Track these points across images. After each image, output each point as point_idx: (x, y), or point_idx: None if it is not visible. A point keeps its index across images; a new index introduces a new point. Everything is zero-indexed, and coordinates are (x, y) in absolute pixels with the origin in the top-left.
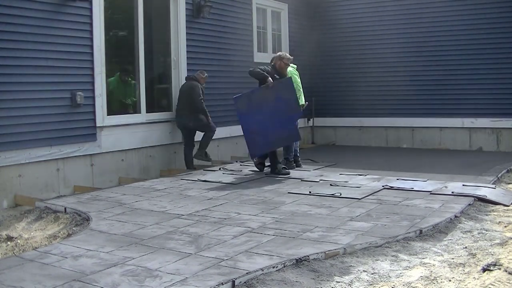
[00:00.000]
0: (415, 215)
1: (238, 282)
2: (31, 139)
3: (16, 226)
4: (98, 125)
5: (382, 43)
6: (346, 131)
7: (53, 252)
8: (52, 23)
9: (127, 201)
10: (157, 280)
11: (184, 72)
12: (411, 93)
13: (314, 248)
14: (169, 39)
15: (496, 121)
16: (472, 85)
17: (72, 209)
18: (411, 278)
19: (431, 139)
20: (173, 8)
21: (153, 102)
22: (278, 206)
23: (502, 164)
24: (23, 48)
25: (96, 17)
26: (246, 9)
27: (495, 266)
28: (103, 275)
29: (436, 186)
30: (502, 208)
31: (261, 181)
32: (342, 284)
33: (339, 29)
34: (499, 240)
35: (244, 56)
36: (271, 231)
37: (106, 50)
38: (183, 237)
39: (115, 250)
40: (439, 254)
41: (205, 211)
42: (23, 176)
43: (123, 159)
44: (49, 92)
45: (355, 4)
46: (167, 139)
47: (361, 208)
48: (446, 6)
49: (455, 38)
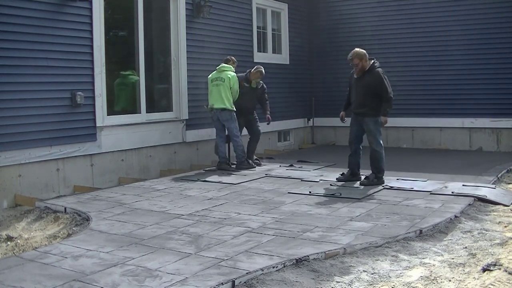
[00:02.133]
0: (415, 215)
1: (238, 282)
2: (31, 139)
3: (16, 226)
4: (98, 125)
5: (382, 43)
6: (346, 131)
7: (53, 252)
8: (52, 23)
9: (127, 201)
10: (157, 280)
11: (184, 72)
12: (411, 93)
13: (314, 248)
14: (169, 39)
15: (496, 121)
16: (472, 85)
17: (72, 209)
18: (411, 278)
19: (431, 139)
20: (173, 8)
21: (153, 102)
22: (278, 206)
23: (502, 164)
24: (23, 48)
25: (96, 17)
26: (246, 9)
27: (495, 266)
28: (103, 275)
29: (436, 186)
30: (502, 208)
31: (261, 181)
32: (342, 284)
33: (339, 29)
34: (499, 240)
35: (244, 56)
36: (271, 231)
37: (106, 50)
38: (183, 237)
39: (115, 250)
40: (439, 254)
41: (205, 211)
42: (23, 176)
43: (123, 159)
44: (49, 92)
45: (355, 4)
46: (167, 139)
47: (361, 208)
48: (446, 6)
49: (455, 38)
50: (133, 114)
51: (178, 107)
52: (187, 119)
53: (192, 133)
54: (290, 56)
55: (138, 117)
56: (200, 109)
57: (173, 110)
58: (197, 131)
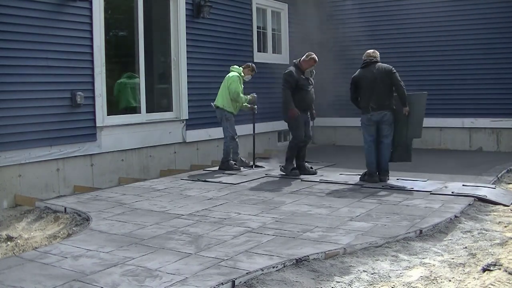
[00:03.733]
0: (415, 215)
1: (238, 282)
2: (31, 139)
3: (16, 226)
4: (98, 125)
5: (382, 43)
6: (346, 131)
7: (53, 252)
8: (52, 23)
9: (127, 201)
10: (157, 280)
11: (184, 72)
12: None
13: (314, 248)
14: (169, 39)
15: (496, 121)
16: (472, 85)
17: (72, 209)
18: (411, 278)
19: (431, 139)
20: (173, 8)
21: (153, 102)
22: (278, 206)
23: (502, 164)
24: (23, 48)
25: (96, 17)
26: (246, 9)
27: (495, 266)
28: (103, 275)
29: (436, 186)
30: (502, 208)
31: (261, 181)
32: (342, 284)
33: (339, 29)
34: (499, 240)
35: (244, 56)
36: (271, 231)
37: (106, 50)
38: (183, 237)
39: (115, 250)
40: (439, 254)
41: (205, 211)
42: (23, 176)
43: (123, 159)
44: (49, 92)
45: (355, 4)
46: (167, 139)
47: (361, 208)
48: (446, 6)
49: (455, 38)
50: (133, 114)
51: (178, 107)
52: (187, 119)
53: (192, 133)
54: (290, 56)
55: (138, 117)
56: (200, 109)
57: (173, 110)
58: (197, 131)
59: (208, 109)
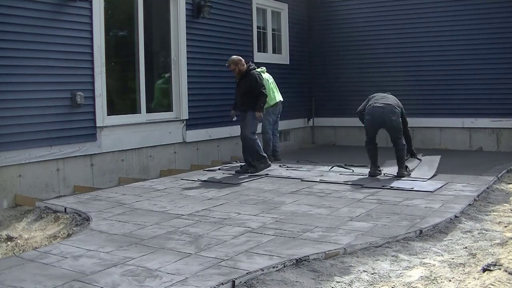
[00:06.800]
0: (415, 215)
1: (238, 282)
2: (31, 139)
3: (16, 226)
4: (98, 125)
5: (382, 43)
6: (346, 131)
7: (53, 252)
8: (52, 23)
9: (127, 201)
10: (157, 280)
11: (184, 72)
12: (411, 93)
13: (314, 248)
14: (169, 39)
15: (496, 121)
16: (472, 85)
17: (72, 209)
18: (411, 278)
19: (431, 139)
20: (173, 8)
21: (153, 102)
22: (278, 206)
23: (502, 164)
24: (23, 48)
25: (96, 17)
26: (246, 9)
27: (495, 266)
28: (103, 275)
29: (436, 186)
30: (502, 208)
31: (261, 181)
32: (342, 284)
33: (339, 29)
34: (499, 240)
35: (244, 56)
36: (271, 231)
37: (106, 50)
38: (183, 237)
39: (115, 250)
40: (439, 254)
41: (205, 211)
42: (23, 176)
43: (123, 159)
44: (49, 92)
45: (355, 4)
46: (167, 139)
47: (361, 208)
48: (446, 6)
49: (455, 38)
50: (133, 114)
51: (178, 107)
52: (187, 119)
53: (192, 133)
54: (290, 56)
55: (138, 117)
56: (200, 109)
57: (173, 110)
58: (197, 131)
59: (208, 109)
